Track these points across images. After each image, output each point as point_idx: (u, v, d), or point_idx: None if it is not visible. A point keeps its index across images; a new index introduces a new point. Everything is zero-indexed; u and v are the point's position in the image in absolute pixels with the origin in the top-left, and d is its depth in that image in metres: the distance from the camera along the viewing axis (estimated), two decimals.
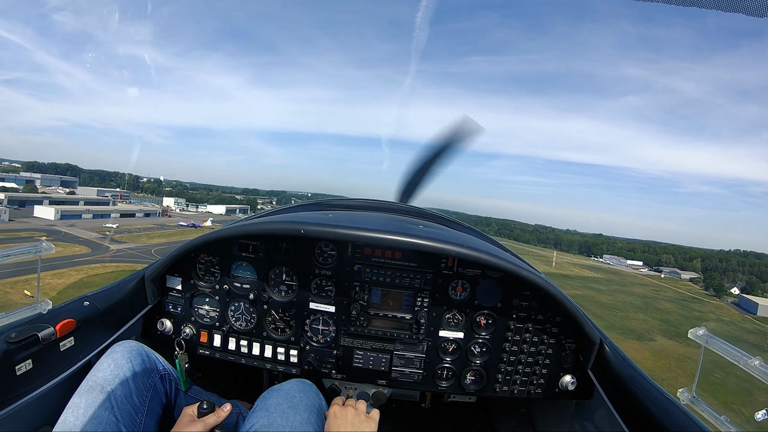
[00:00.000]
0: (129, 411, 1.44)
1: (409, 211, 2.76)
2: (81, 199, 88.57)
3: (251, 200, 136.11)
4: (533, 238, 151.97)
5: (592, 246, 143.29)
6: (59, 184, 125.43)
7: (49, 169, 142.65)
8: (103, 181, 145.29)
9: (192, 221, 74.91)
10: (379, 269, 1.96)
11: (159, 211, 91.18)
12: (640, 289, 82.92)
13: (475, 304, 1.96)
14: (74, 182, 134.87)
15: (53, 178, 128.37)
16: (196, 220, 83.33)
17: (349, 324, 1.98)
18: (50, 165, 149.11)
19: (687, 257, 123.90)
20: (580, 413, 2.04)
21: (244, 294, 2.01)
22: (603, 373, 1.82)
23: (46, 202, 78.66)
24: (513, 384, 1.99)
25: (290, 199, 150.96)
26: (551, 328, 1.95)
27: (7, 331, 1.42)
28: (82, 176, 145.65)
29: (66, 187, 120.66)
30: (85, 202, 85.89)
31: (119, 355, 1.53)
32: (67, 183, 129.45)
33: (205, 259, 2.03)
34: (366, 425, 1.54)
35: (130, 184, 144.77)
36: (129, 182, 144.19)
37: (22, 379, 1.41)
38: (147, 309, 2.01)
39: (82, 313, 1.68)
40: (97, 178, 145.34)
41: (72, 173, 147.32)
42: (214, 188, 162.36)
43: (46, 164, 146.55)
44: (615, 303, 67.78)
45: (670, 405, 1.48)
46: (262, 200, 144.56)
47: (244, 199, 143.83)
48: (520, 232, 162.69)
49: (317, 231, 1.75)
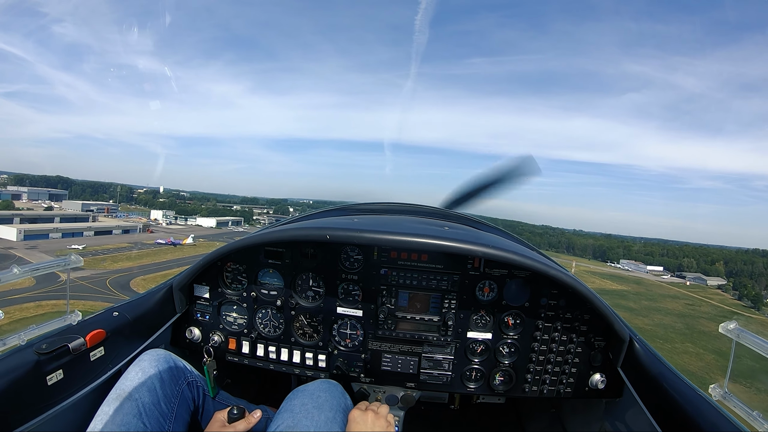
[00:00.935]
0: (157, 417, 1.48)
1: (434, 213, 2.76)
2: (57, 215, 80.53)
3: (247, 211, 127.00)
4: (543, 242, 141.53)
5: (607, 250, 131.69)
6: (47, 197, 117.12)
7: (39, 181, 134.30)
8: (96, 193, 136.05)
9: (171, 238, 66.38)
10: (405, 272, 1.98)
11: (139, 227, 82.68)
12: (673, 303, 73.78)
13: (502, 304, 1.97)
14: (63, 195, 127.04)
15: (41, 191, 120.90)
16: (184, 234, 73.88)
17: (377, 328, 2.00)
18: (40, 177, 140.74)
19: (708, 260, 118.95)
20: (611, 412, 2.05)
21: (271, 300, 2.04)
22: (633, 371, 1.83)
23: (17, 220, 70.26)
24: (542, 384, 1.99)
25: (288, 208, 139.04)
26: (580, 327, 1.94)
27: (38, 343, 1.46)
28: (73, 189, 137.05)
29: (54, 201, 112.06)
30: (61, 219, 78.27)
31: (146, 363, 1.57)
32: (56, 196, 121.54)
33: (232, 267, 2.08)
34: (385, 427, 1.57)
35: (123, 195, 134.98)
36: (122, 194, 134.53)
37: (53, 389, 1.45)
38: (175, 318, 2.05)
39: (111, 323, 1.73)
40: (89, 190, 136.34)
41: (63, 185, 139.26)
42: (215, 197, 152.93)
43: (36, 177, 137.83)
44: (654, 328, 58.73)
45: (702, 402, 1.47)
46: (259, 210, 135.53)
47: (240, 210, 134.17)
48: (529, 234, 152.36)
49: (343, 236, 1.77)
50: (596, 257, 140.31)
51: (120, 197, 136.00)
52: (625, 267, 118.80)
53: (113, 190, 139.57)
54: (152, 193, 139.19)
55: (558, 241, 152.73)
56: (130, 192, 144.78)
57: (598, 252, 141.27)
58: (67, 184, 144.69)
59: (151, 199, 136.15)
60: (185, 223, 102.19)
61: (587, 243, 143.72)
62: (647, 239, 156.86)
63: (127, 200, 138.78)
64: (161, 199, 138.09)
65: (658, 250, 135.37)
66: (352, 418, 1.55)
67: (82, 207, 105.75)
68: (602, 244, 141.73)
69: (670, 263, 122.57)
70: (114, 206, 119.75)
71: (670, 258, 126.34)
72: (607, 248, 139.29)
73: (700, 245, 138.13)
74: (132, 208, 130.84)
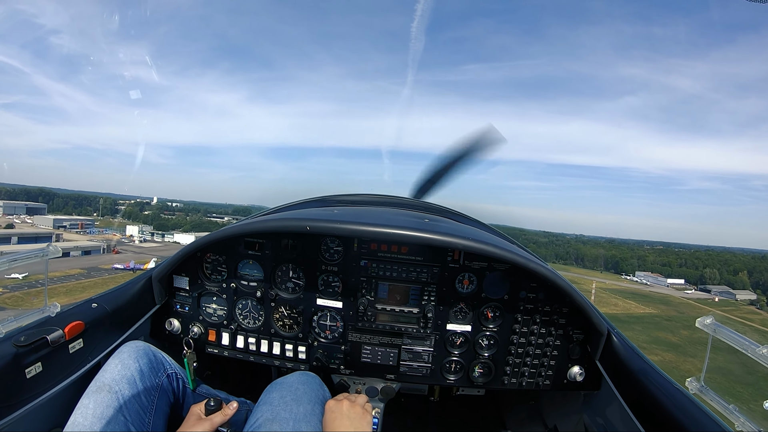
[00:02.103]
0: (137, 410, 1.48)
1: (415, 205, 2.77)
2: (15, 234, 69.84)
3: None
4: (550, 253, 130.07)
5: (620, 261, 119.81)
6: (24, 211, 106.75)
7: (19, 194, 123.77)
8: (79, 206, 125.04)
9: (131, 262, 56.53)
10: (385, 264, 2.01)
11: (103, 247, 72.29)
12: None
13: (482, 296, 2.00)
14: (42, 209, 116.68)
15: (18, 205, 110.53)
16: (156, 253, 63.83)
17: (357, 319, 2.03)
18: (20, 189, 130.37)
19: (730, 269, 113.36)
20: (589, 404, 2.09)
21: (251, 292, 2.06)
22: (611, 364, 1.86)
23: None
24: (521, 376, 2.02)
25: None
26: (558, 320, 1.98)
27: (17, 335, 1.45)
28: (55, 201, 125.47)
29: (31, 215, 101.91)
30: (19, 238, 67.35)
31: (126, 355, 1.57)
32: (34, 210, 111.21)
33: (212, 258, 2.09)
34: (361, 416, 1.57)
35: (107, 208, 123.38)
36: (105, 206, 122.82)
37: (32, 382, 1.45)
38: (155, 309, 2.06)
39: (90, 315, 1.73)
40: (72, 203, 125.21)
41: (45, 198, 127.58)
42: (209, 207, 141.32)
43: (16, 189, 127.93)
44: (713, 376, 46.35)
45: (679, 394, 1.51)
46: None
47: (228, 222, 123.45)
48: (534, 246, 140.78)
49: (323, 227, 1.79)
50: (608, 268, 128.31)
51: (104, 210, 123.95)
52: (643, 280, 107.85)
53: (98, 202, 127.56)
54: (139, 205, 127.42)
55: (565, 251, 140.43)
56: (114, 204, 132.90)
57: (610, 263, 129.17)
58: (50, 196, 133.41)
59: (136, 211, 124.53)
60: (162, 240, 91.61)
61: (597, 253, 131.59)
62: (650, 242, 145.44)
63: (112, 213, 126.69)
64: (146, 211, 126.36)
65: (675, 260, 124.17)
66: (328, 407, 1.56)
67: (53, 223, 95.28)
68: (614, 254, 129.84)
69: (689, 274, 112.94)
70: (90, 221, 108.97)
71: (689, 269, 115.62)
72: (620, 259, 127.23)
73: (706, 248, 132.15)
74: (114, 222, 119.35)
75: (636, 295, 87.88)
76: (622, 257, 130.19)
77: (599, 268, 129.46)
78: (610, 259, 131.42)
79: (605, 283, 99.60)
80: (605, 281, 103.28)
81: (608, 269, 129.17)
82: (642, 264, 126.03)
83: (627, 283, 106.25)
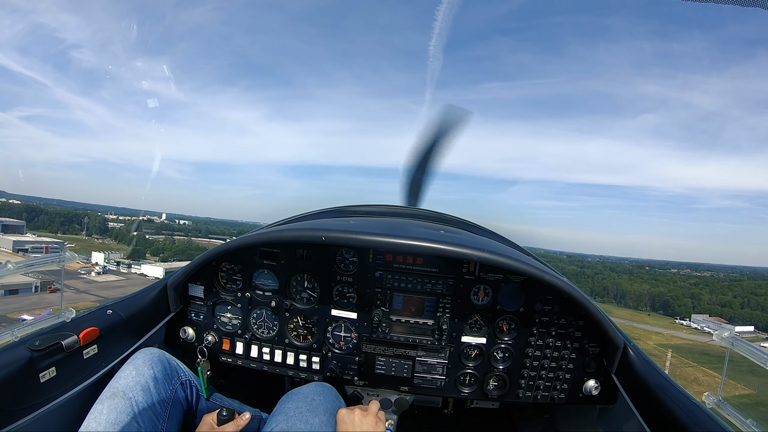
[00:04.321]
0: (151, 417, 1.50)
1: (430, 216, 2.79)
2: None
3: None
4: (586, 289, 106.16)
5: (671, 301, 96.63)
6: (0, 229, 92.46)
7: (2, 209, 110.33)
8: (68, 223, 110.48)
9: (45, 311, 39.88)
10: (400, 275, 2.06)
11: (36, 285, 56.26)
12: None
13: (497, 309, 2.04)
14: (20, 227, 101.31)
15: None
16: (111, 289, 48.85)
17: (371, 330, 2.08)
18: (2, 205, 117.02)
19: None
20: (604, 418, 2.10)
21: (266, 302, 2.12)
22: (627, 378, 1.88)
23: None
24: (536, 389, 2.05)
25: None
26: (574, 333, 2.01)
27: (31, 339, 1.49)
28: (41, 218, 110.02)
29: (6, 233, 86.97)
30: None
31: (141, 362, 1.61)
32: (11, 227, 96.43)
33: (227, 267, 2.15)
34: (374, 426, 1.57)
35: (96, 227, 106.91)
36: (93, 225, 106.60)
37: (45, 386, 1.48)
38: (169, 317, 2.12)
39: (105, 321, 1.78)
40: (59, 220, 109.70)
41: (30, 214, 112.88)
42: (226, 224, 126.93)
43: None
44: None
45: (696, 409, 1.51)
46: None
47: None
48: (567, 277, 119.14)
49: (338, 238, 1.83)
50: (655, 308, 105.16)
51: (92, 228, 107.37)
52: (705, 328, 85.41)
53: (90, 219, 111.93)
54: (133, 223, 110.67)
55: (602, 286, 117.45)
56: (104, 223, 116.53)
57: (657, 302, 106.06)
58: (36, 212, 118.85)
59: (123, 232, 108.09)
60: (127, 272, 75.31)
61: (641, 289, 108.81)
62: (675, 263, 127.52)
63: (101, 232, 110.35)
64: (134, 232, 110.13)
65: (737, 300, 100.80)
66: (340, 418, 1.56)
67: (13, 245, 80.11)
68: (662, 291, 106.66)
69: (756, 317, 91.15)
70: (57, 245, 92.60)
71: (754, 310, 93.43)
72: (669, 297, 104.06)
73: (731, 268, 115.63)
74: (98, 244, 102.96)
75: (710, 355, 67.15)
76: (673, 295, 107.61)
77: (645, 307, 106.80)
78: (657, 298, 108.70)
79: (662, 334, 78.71)
80: (661, 330, 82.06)
81: (656, 309, 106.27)
82: (697, 304, 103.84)
83: (686, 332, 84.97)
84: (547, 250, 79.26)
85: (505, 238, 2.61)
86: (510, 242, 2.57)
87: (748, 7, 0.83)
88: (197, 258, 2.04)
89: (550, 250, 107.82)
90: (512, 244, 2.54)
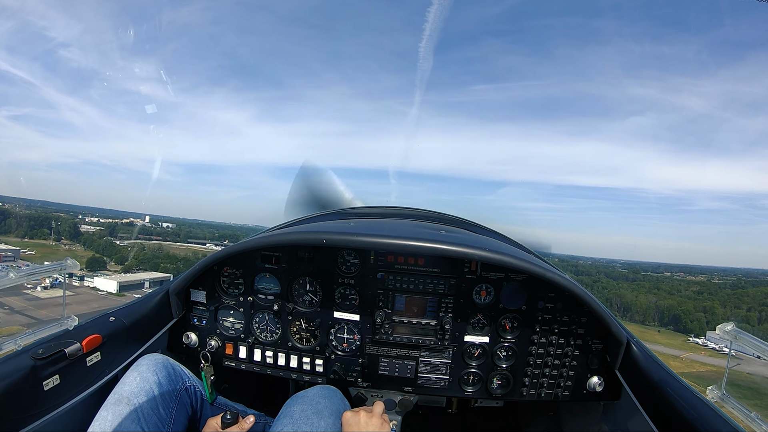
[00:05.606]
0: (156, 423, 1.50)
1: (430, 216, 2.79)
2: None
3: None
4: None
5: (682, 315, 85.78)
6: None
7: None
8: (38, 226, 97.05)
9: None
10: (402, 276, 2.06)
11: None
12: None
13: (499, 307, 2.05)
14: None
15: None
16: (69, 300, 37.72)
17: (374, 332, 2.08)
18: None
19: None
20: (609, 414, 2.12)
21: (268, 305, 2.12)
22: (630, 374, 1.90)
23: None
24: (540, 387, 2.06)
25: None
26: (577, 330, 2.02)
27: (34, 348, 1.49)
28: (8, 222, 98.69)
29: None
30: None
31: (145, 368, 1.60)
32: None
33: (229, 272, 2.15)
34: (379, 427, 1.58)
35: (67, 231, 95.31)
36: (64, 229, 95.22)
37: (49, 394, 1.48)
38: (172, 323, 2.13)
39: (107, 328, 1.78)
40: (28, 223, 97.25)
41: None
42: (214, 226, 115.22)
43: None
44: None
45: (700, 403, 1.53)
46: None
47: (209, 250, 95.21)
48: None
49: (339, 240, 1.84)
50: (664, 323, 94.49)
51: (63, 232, 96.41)
52: (723, 348, 75.10)
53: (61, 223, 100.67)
54: (109, 227, 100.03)
55: (605, 297, 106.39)
56: (75, 227, 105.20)
57: (667, 316, 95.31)
58: (4, 215, 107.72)
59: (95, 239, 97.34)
60: (79, 285, 65.15)
61: (648, 302, 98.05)
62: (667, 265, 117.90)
63: (72, 237, 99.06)
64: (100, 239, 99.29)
65: (753, 315, 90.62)
66: (345, 420, 1.57)
67: None
68: (671, 304, 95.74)
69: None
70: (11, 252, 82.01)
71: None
72: (681, 311, 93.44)
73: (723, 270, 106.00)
74: (64, 250, 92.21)
75: (742, 387, 57.53)
76: (684, 309, 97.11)
77: (653, 322, 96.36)
78: (666, 311, 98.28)
79: (680, 359, 69.03)
80: (677, 353, 72.07)
81: (665, 324, 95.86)
82: (711, 319, 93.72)
83: (704, 353, 74.69)
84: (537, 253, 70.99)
85: (506, 237, 2.59)
86: (511, 240, 2.55)
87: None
88: (199, 263, 2.03)
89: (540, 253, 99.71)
90: (513, 242, 2.52)
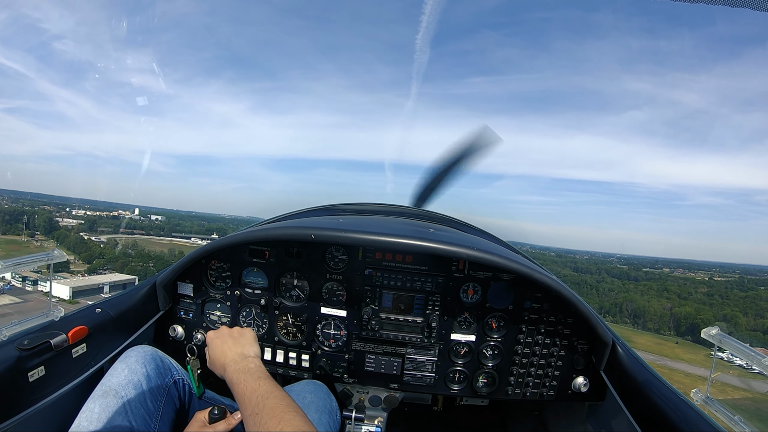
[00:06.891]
0: (143, 415, 1.46)
1: (419, 214, 2.80)
2: None
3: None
4: (594, 306, 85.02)
5: (700, 324, 72.99)
6: None
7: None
8: (14, 221, 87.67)
9: None
10: (390, 273, 2.05)
11: None
12: None
13: (486, 306, 2.05)
14: None
15: None
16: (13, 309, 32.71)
17: (361, 328, 2.08)
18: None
19: None
20: (593, 415, 2.12)
21: (255, 300, 2.11)
22: (616, 374, 1.90)
23: None
24: (525, 386, 2.07)
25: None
26: (563, 330, 2.02)
27: (20, 338, 1.46)
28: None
29: None
30: None
31: (133, 360, 1.56)
32: None
33: (216, 266, 2.14)
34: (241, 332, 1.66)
35: (42, 226, 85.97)
36: (40, 224, 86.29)
37: (34, 385, 1.45)
38: (159, 315, 2.11)
39: (94, 319, 1.75)
40: (6, 217, 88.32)
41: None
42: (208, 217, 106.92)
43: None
44: None
45: (684, 405, 1.53)
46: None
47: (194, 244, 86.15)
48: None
49: (328, 236, 1.83)
50: (680, 333, 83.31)
51: (38, 227, 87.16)
52: (753, 366, 64.72)
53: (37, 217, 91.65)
54: (89, 221, 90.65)
55: (612, 302, 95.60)
56: (50, 222, 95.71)
57: (683, 325, 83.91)
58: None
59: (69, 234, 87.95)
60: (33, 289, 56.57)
61: (660, 309, 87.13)
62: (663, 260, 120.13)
63: (47, 232, 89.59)
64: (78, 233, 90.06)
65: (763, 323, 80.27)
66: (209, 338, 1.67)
67: None
68: (687, 311, 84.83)
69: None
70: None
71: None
72: (698, 320, 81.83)
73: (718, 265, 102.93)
74: (35, 247, 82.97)
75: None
76: (703, 318, 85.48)
77: (668, 331, 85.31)
78: (683, 319, 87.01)
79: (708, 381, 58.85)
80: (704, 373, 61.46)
81: (681, 334, 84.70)
82: (734, 330, 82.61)
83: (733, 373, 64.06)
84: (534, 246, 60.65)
85: (493, 236, 2.60)
86: (499, 240, 2.56)
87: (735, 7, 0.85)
88: (186, 256, 2.02)
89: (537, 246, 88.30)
90: (501, 242, 2.52)
